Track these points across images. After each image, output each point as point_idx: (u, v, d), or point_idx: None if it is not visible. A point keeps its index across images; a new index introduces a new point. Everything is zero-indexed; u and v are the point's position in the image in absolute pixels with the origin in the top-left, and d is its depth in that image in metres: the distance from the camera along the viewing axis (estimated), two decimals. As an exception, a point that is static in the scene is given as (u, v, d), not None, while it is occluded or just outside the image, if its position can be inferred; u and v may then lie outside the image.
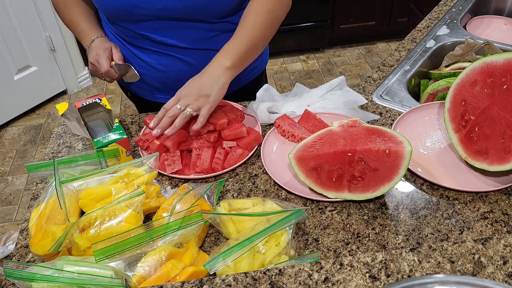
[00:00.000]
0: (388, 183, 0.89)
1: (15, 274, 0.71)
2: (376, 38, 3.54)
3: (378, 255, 0.71)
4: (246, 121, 1.16)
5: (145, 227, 0.80)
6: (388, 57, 1.39)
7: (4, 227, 2.28)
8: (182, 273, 0.76)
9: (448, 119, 1.02)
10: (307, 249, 0.86)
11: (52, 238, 0.81)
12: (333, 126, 1.00)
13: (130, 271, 0.76)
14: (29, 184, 2.52)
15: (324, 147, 0.96)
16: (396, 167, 0.90)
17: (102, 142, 0.98)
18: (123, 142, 1.00)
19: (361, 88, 1.27)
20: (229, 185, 1.00)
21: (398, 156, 0.90)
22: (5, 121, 2.93)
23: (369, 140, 0.94)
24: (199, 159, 1.02)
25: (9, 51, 2.77)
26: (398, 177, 0.89)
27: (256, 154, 1.07)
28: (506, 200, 0.93)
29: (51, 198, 0.87)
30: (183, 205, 0.86)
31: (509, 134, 0.93)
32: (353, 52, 3.46)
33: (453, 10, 1.58)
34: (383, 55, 3.40)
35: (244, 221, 0.84)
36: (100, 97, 1.09)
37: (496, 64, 0.97)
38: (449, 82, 1.23)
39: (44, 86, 3.05)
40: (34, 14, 2.81)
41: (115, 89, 3.22)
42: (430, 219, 0.90)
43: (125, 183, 0.90)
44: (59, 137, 1.18)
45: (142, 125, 1.19)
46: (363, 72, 3.25)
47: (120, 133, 1.00)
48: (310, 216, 0.92)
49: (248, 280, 0.69)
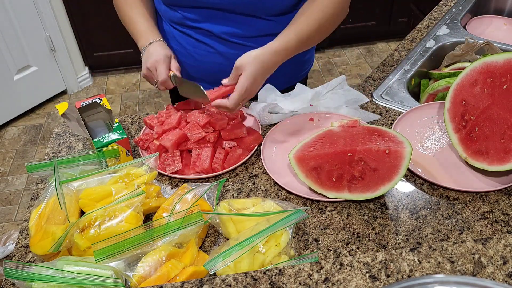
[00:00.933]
0: (388, 183, 0.89)
1: (15, 274, 0.71)
2: (376, 38, 3.54)
3: (378, 255, 0.71)
4: (246, 121, 1.16)
5: (145, 227, 0.80)
6: (388, 57, 1.39)
7: (4, 227, 2.28)
8: (182, 273, 0.76)
9: (448, 119, 1.02)
10: (307, 249, 0.86)
11: (52, 238, 0.81)
12: (333, 126, 1.00)
13: (130, 271, 0.76)
14: (29, 184, 2.52)
15: (324, 147, 0.96)
16: (396, 167, 0.89)
17: (102, 142, 0.98)
18: (123, 142, 1.00)
19: (361, 88, 1.27)
20: (229, 185, 1.00)
21: (398, 156, 0.90)
22: (5, 121, 2.93)
23: (369, 140, 0.94)
24: (199, 159, 1.02)
25: (9, 51, 2.77)
26: (398, 177, 0.89)
27: (256, 154, 1.07)
28: (506, 200, 0.93)
29: (51, 198, 0.87)
30: (183, 205, 0.86)
31: (509, 134, 0.93)
32: (353, 52, 3.45)
33: (453, 10, 1.58)
34: (383, 55, 3.40)
35: (244, 221, 0.84)
36: (100, 97, 1.09)
37: (496, 64, 0.97)
38: (449, 82, 1.22)
39: (44, 86, 3.05)
40: (34, 14, 2.81)
41: (115, 89, 3.22)
42: (430, 219, 0.90)
43: (125, 183, 0.90)
44: (59, 137, 1.18)
45: (142, 125, 1.19)
46: (363, 72, 3.25)
47: (120, 133, 1.00)
48: (310, 216, 0.92)
49: (248, 280, 0.69)
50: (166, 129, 1.07)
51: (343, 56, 3.41)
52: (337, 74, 3.22)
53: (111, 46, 3.17)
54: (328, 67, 3.30)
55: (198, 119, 1.06)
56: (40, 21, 2.86)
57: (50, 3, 2.84)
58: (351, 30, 3.37)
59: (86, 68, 3.26)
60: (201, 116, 1.06)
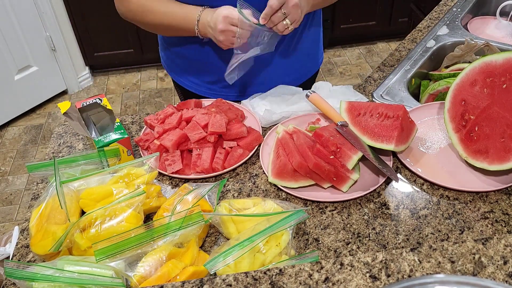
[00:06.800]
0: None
1: (16, 274, 0.71)
2: (376, 38, 3.54)
3: (379, 255, 0.71)
4: (246, 121, 1.16)
5: (145, 227, 0.80)
6: (388, 57, 1.39)
7: (4, 227, 2.28)
8: (182, 273, 0.76)
9: (448, 119, 1.02)
10: (308, 249, 0.86)
11: (53, 238, 0.81)
12: (279, 134, 1.04)
13: (131, 271, 0.76)
14: (30, 184, 2.52)
15: (288, 153, 0.98)
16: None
17: (103, 141, 0.98)
18: (124, 141, 1.00)
19: (362, 88, 1.27)
20: (230, 185, 1.00)
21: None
22: (6, 121, 2.93)
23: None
24: (199, 159, 1.02)
25: (9, 51, 2.77)
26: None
27: (256, 154, 1.07)
28: (506, 200, 0.93)
29: (52, 198, 0.87)
30: (183, 205, 0.86)
31: (509, 133, 0.93)
32: (353, 52, 3.45)
33: (454, 10, 1.58)
34: (384, 55, 3.40)
35: (244, 221, 0.84)
36: (100, 97, 1.09)
37: (495, 63, 0.97)
38: (449, 83, 1.23)
39: (44, 86, 3.05)
40: (34, 14, 2.81)
41: (116, 89, 3.23)
42: (430, 219, 0.90)
43: (126, 183, 0.90)
44: (59, 137, 1.18)
45: (142, 125, 1.19)
46: (363, 72, 3.25)
47: (121, 132, 1.00)
48: (311, 216, 0.92)
49: (249, 280, 0.69)
50: (166, 129, 1.07)
51: (343, 56, 3.41)
52: (337, 74, 3.22)
53: (112, 46, 3.17)
54: (329, 67, 3.30)
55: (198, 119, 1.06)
56: (41, 21, 2.86)
57: (50, 3, 2.84)
58: (352, 30, 3.37)
59: (86, 68, 3.26)
60: (202, 117, 1.07)
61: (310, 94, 1.12)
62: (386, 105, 1.01)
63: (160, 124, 1.09)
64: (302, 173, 0.94)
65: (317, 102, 1.11)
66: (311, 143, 0.98)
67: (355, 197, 0.94)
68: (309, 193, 0.96)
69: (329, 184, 0.95)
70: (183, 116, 1.09)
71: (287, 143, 0.99)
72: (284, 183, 0.96)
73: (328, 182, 0.94)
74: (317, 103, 1.11)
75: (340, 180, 0.93)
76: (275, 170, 0.97)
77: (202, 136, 1.03)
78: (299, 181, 0.95)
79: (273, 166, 0.99)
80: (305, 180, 0.95)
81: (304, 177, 0.95)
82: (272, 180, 0.97)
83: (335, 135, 0.96)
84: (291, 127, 1.04)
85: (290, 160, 0.95)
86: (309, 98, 1.12)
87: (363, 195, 0.94)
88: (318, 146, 0.94)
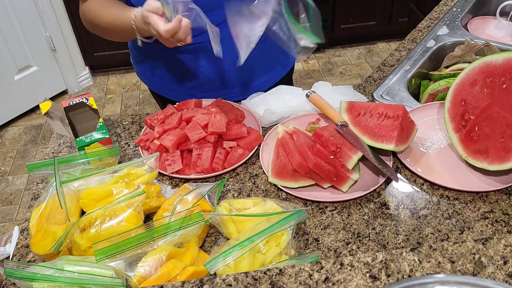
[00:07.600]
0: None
1: (16, 274, 0.71)
2: (376, 38, 3.54)
3: (379, 255, 0.71)
4: (246, 121, 1.16)
5: (145, 227, 0.80)
6: (388, 57, 1.39)
7: (4, 227, 2.28)
8: (182, 273, 0.76)
9: (448, 119, 1.02)
10: (308, 249, 0.86)
11: (53, 238, 0.81)
12: (279, 134, 1.04)
13: (131, 271, 0.76)
14: (30, 184, 2.52)
15: (288, 154, 0.98)
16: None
17: (84, 141, 0.98)
18: (106, 141, 1.00)
19: (362, 88, 1.27)
20: (230, 185, 1.00)
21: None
22: (6, 121, 2.93)
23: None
24: (199, 159, 1.03)
25: (9, 51, 2.77)
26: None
27: (257, 154, 1.07)
28: (506, 200, 0.93)
29: (52, 198, 0.87)
30: (183, 205, 0.86)
31: (509, 133, 0.93)
32: (353, 52, 3.45)
33: (454, 10, 1.58)
34: (383, 55, 3.40)
35: (244, 221, 0.84)
36: (87, 97, 1.09)
37: (495, 63, 0.97)
38: (449, 83, 1.22)
39: (44, 86, 3.05)
40: (34, 14, 2.81)
41: (116, 89, 3.23)
42: (430, 219, 0.90)
43: (126, 183, 0.90)
44: (59, 137, 1.18)
45: (142, 125, 1.19)
46: (363, 72, 3.25)
47: (103, 132, 1.00)
48: (311, 216, 0.92)
49: (249, 280, 0.69)
50: (166, 129, 1.07)
51: (343, 56, 3.41)
52: (337, 74, 3.22)
53: (112, 46, 3.17)
54: (329, 67, 3.30)
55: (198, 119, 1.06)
56: (41, 21, 2.86)
57: (50, 3, 2.84)
58: (351, 30, 3.37)
59: (86, 68, 3.26)
60: (202, 117, 1.07)
61: (310, 94, 1.12)
62: (386, 105, 1.01)
63: (160, 124, 1.09)
64: (302, 173, 0.94)
65: (317, 102, 1.11)
66: (311, 143, 0.98)
67: (355, 197, 0.94)
68: (309, 193, 0.96)
69: (329, 184, 0.95)
70: (183, 116, 1.09)
71: (287, 143, 0.99)
72: (284, 183, 0.96)
73: (328, 182, 0.94)
74: (317, 103, 1.11)
75: (340, 180, 0.93)
76: (275, 170, 0.97)
77: (202, 136, 1.03)
78: (299, 181, 0.95)
79: (273, 166, 0.99)
80: (305, 180, 0.95)
81: (304, 177, 0.95)
82: (272, 180, 0.97)
83: (335, 135, 0.96)
84: (291, 127, 1.04)
85: (290, 160, 0.95)
86: (309, 98, 1.12)
87: (363, 195, 0.94)
88: (318, 146, 0.94)
